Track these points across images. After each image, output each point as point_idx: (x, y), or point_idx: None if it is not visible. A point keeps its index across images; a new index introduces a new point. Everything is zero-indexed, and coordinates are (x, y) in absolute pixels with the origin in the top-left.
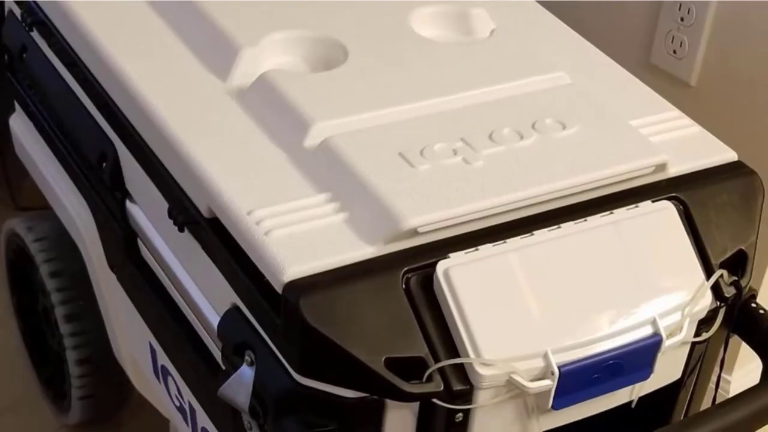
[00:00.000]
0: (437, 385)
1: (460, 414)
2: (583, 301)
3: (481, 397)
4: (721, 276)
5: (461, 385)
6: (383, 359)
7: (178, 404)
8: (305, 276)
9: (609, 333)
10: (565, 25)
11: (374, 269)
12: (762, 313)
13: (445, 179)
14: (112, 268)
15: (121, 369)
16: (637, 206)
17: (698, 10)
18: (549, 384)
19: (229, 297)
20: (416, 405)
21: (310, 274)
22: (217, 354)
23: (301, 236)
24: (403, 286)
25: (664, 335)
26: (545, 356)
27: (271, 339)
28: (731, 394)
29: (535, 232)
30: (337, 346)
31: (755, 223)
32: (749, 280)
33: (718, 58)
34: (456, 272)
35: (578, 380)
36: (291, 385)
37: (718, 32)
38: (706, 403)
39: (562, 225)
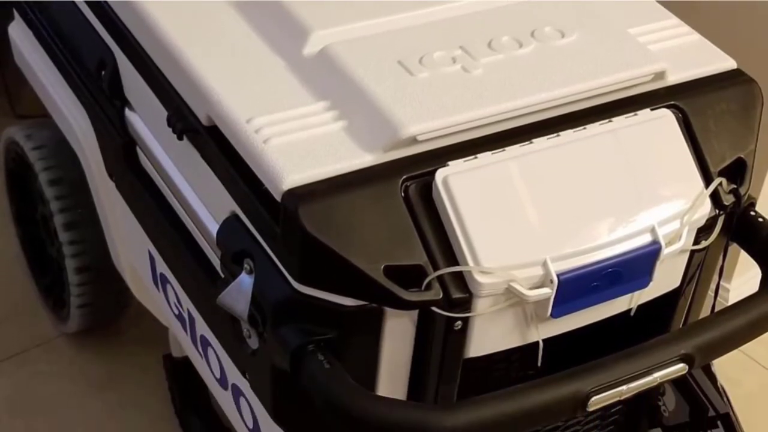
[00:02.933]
0: (436, 294)
1: (459, 322)
2: (582, 209)
3: (480, 306)
4: (720, 184)
5: (460, 294)
6: (382, 267)
7: (177, 312)
8: (304, 184)
9: (608, 241)
10: None
11: (373, 177)
12: (761, 221)
13: (444, 87)
14: (111, 176)
15: (120, 277)
16: (636, 114)
17: None
18: (548, 292)
19: (228, 205)
20: (415, 313)
21: (309, 182)
22: (216, 262)
23: (300, 144)
24: (402, 195)
25: (663, 243)
26: (544, 264)
27: (270, 247)
28: (730, 302)
29: (534, 140)
30: (336, 254)
31: (754, 132)
32: (748, 188)
33: None
34: (455, 180)
35: (577, 288)
36: (290, 293)
37: None
38: (705, 311)
39: (561, 133)
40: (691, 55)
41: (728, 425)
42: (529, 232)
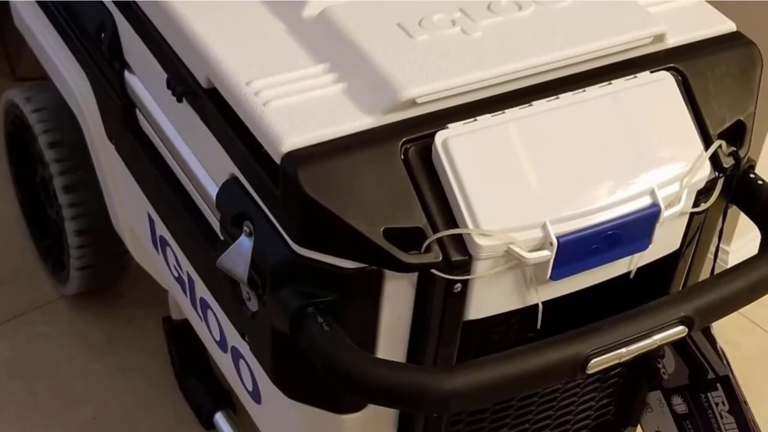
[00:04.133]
0: (435, 256)
1: (459, 285)
2: (582, 172)
3: (480, 268)
4: (720, 146)
5: (459, 256)
6: (382, 230)
7: (176, 275)
8: (304, 146)
9: (607, 203)
10: None
11: (373, 140)
12: (760, 184)
13: (444, 50)
14: (110, 138)
15: (119, 240)
16: (635, 77)
17: None
18: (547, 254)
19: (228, 168)
20: (414, 276)
21: (309, 145)
22: (216, 225)
23: (299, 107)
24: (402, 157)
25: (662, 205)
26: (543, 227)
27: (269, 210)
28: (730, 265)
29: (533, 103)
30: (335, 217)
31: (753, 94)
32: (748, 151)
33: None
34: (454, 143)
35: (577, 251)
36: (289, 255)
37: None
38: (704, 274)
39: (560, 95)
40: (691, 18)
41: (728, 388)
42: (529, 194)
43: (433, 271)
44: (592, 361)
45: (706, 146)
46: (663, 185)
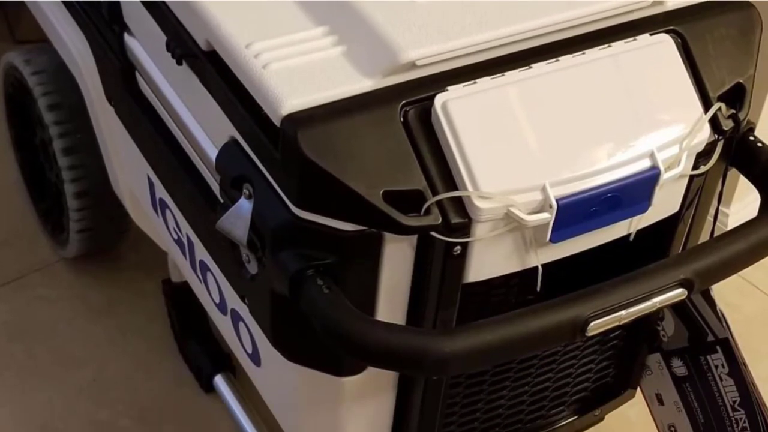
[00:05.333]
0: (435, 218)
1: (458, 247)
2: (582, 135)
3: (479, 231)
4: (719, 109)
5: (459, 219)
6: (381, 192)
7: (176, 237)
8: (303, 109)
9: (607, 166)
10: None
11: (372, 102)
12: (760, 146)
13: (444, 12)
14: (110, 101)
15: (119, 202)
16: (635, 39)
17: None
18: (547, 217)
19: (227, 130)
20: (414, 239)
21: (308, 107)
22: (215, 187)
23: (299, 69)
24: (402, 120)
25: (662, 168)
26: (543, 189)
27: (269, 172)
28: (729, 227)
29: (533, 65)
30: (335, 179)
31: (753, 57)
32: (747, 114)
33: None
34: (454, 105)
35: (576, 213)
36: (289, 218)
37: None
38: (704, 237)
39: (560, 58)
40: None
41: (727, 350)
42: (528, 157)
43: (433, 233)
44: (592, 324)
45: (706, 109)
46: (662, 148)
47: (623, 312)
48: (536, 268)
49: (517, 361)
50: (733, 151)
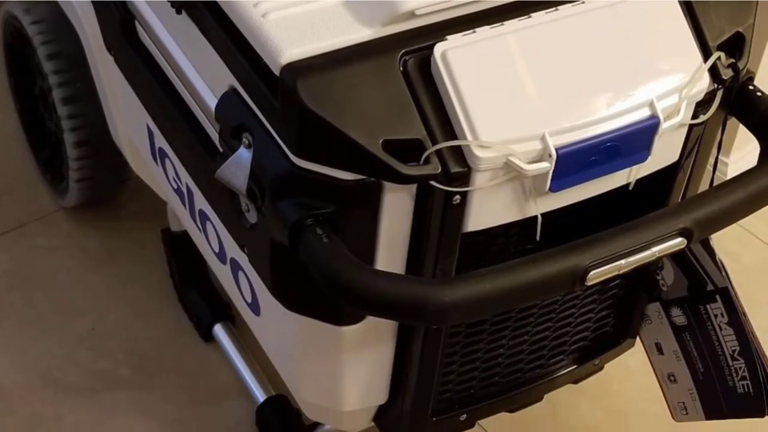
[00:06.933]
0: (435, 168)
1: (458, 196)
2: (581, 84)
3: (479, 180)
4: (719, 58)
5: (459, 168)
6: (381, 141)
7: (175, 186)
8: (303, 58)
9: (606, 115)
10: None
11: (372, 51)
12: (759, 95)
13: None
14: (109, 50)
15: (118, 151)
16: None
17: None
18: (546, 166)
19: (227, 79)
20: (414, 188)
21: (308, 56)
22: (215, 136)
23: (298, 18)
24: (401, 69)
25: (661, 117)
26: (543, 138)
27: (268, 121)
28: (729, 177)
29: (532, 15)
30: (334, 128)
31: (752, 5)
32: (747, 63)
33: None
34: (453, 54)
35: (576, 162)
36: (288, 167)
37: None
38: (703, 186)
39: (559, 7)
40: None
41: (727, 299)
42: (528, 106)
43: (432, 182)
44: (592, 273)
45: (705, 58)
46: (662, 97)
47: (623, 261)
48: (536, 217)
49: (517, 310)
50: (733, 100)
